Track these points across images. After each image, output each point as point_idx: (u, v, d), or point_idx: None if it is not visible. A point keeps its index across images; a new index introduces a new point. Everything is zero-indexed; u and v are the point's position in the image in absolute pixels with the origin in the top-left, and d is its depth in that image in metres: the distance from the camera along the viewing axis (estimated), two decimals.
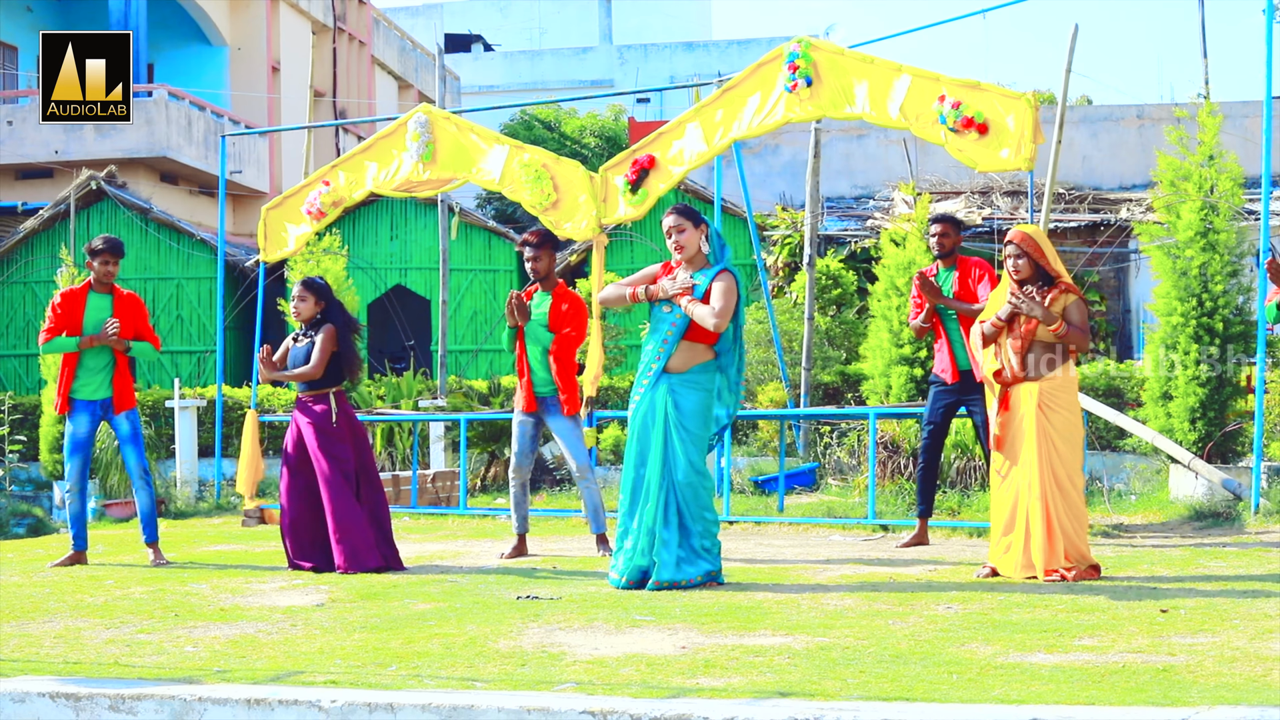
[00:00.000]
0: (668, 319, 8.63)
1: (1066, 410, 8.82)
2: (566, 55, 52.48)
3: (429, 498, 15.20)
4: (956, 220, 11.05)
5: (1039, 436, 8.71)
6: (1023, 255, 8.93)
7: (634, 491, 8.65)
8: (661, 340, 8.65)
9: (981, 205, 23.55)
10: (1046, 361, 8.85)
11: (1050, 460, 8.72)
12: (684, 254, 8.66)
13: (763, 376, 17.62)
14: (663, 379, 8.62)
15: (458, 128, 13.87)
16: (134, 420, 10.93)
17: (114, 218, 24.64)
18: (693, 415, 8.60)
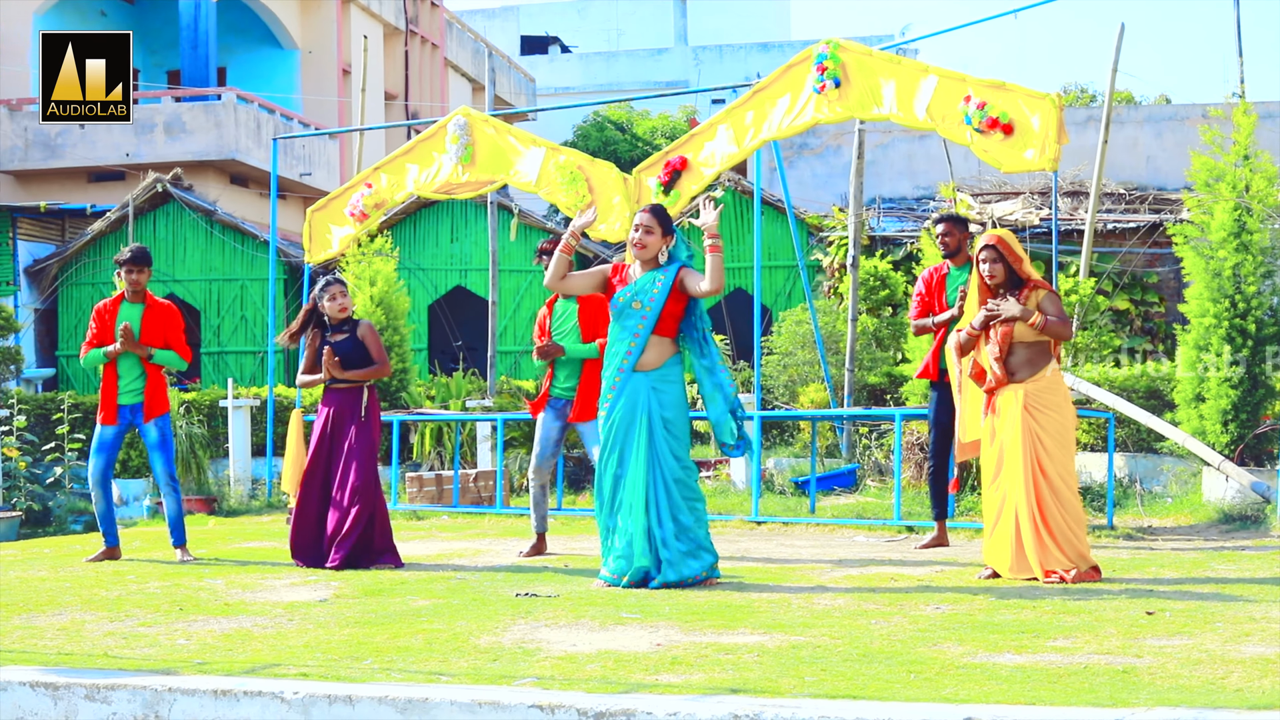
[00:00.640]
0: (635, 315, 8.70)
1: (1054, 410, 8.81)
2: (642, 56, 52.58)
3: (471, 497, 15.34)
4: (961, 219, 11.05)
5: (1025, 438, 8.70)
6: (998, 260, 8.93)
7: (615, 491, 8.72)
8: (631, 336, 8.70)
9: (1040, 205, 23.36)
10: (1028, 362, 8.84)
11: (1040, 461, 8.71)
12: (644, 254, 8.79)
13: (806, 378, 17.63)
14: (638, 377, 8.69)
15: (496, 130, 14.01)
16: (163, 428, 11.09)
17: (179, 220, 24.99)
18: (675, 407, 8.70)
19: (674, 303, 8.70)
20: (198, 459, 17.26)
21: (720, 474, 15.88)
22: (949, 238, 10.85)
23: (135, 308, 11.20)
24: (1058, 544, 8.63)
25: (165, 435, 11.13)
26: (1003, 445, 8.82)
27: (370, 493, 10.15)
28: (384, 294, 18.41)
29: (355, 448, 10.14)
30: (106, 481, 11.19)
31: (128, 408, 11.10)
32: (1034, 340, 8.81)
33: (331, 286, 10.45)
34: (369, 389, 10.37)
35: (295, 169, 31.32)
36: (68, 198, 28.28)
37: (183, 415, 17.52)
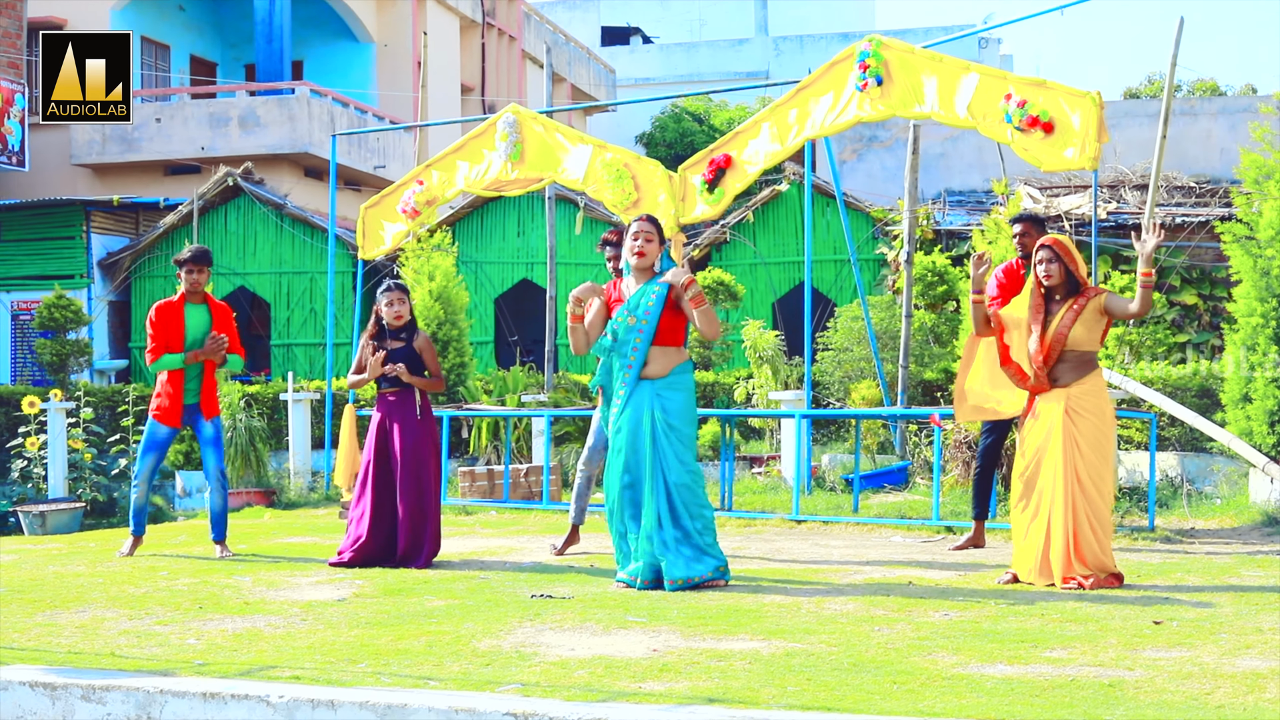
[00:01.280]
0: (633, 329, 8.74)
1: (1094, 415, 8.73)
2: (722, 47, 52.56)
3: (521, 492, 15.41)
4: (1038, 219, 10.90)
5: (1065, 442, 8.64)
6: (1055, 260, 8.86)
7: (623, 498, 8.77)
8: (630, 351, 8.75)
9: (1109, 199, 23.14)
10: (1074, 369, 8.78)
11: (1075, 466, 8.64)
12: (641, 262, 8.82)
13: (861, 374, 17.57)
14: (643, 386, 8.75)
15: (544, 128, 14.06)
16: (218, 425, 11.26)
17: (250, 213, 25.26)
18: (680, 415, 8.72)
19: (672, 316, 8.78)
20: (257, 452, 17.45)
21: (771, 470, 15.86)
22: (1026, 238, 10.68)
23: (201, 309, 11.30)
24: (1080, 551, 8.56)
25: (219, 433, 11.29)
26: (1040, 448, 8.75)
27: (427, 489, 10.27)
28: (443, 288, 18.53)
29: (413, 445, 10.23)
30: (151, 480, 11.35)
31: (189, 407, 11.25)
32: (1084, 349, 8.75)
33: (390, 293, 10.48)
34: (420, 392, 10.44)
35: (369, 162, 31.56)
36: (144, 191, 28.68)
37: (243, 408, 17.70)
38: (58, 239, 25.48)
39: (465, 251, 24.84)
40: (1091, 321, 8.79)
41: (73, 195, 27.19)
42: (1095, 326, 8.81)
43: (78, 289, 24.94)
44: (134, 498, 11.34)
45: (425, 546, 10.14)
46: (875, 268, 22.79)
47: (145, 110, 30.17)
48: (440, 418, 15.00)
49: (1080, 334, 8.75)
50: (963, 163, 26.68)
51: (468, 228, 25.08)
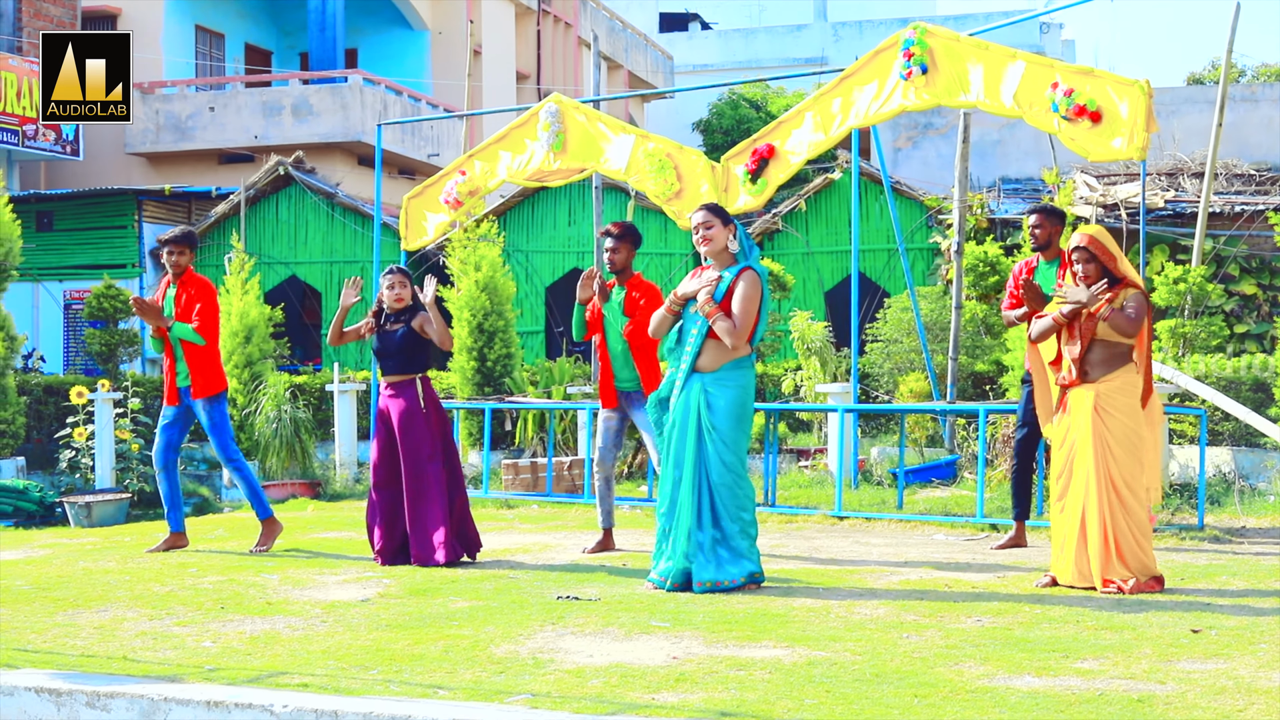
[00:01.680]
0: (694, 319, 8.56)
1: (1124, 414, 8.48)
2: (781, 33, 52.24)
3: (565, 485, 15.27)
4: (1055, 211, 10.67)
5: (1095, 441, 8.41)
6: (1090, 259, 8.62)
7: (671, 493, 8.57)
8: (689, 339, 8.58)
9: (1167, 187, 22.76)
10: (1103, 362, 8.54)
11: (1107, 466, 8.40)
12: (710, 248, 8.61)
13: (910, 366, 17.32)
14: (694, 379, 8.56)
15: (586, 117, 13.91)
16: (211, 410, 11.06)
17: (301, 202, 25.22)
18: (726, 414, 8.48)
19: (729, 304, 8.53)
20: (302, 443, 17.36)
21: (818, 464, 15.66)
22: (1039, 230, 10.49)
23: (173, 288, 11.22)
24: (1120, 553, 8.33)
25: (213, 418, 11.09)
26: (1072, 447, 8.53)
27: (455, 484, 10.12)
28: (489, 279, 18.39)
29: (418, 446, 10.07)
30: (169, 463, 11.21)
31: (181, 389, 11.14)
32: (1115, 340, 8.50)
33: (390, 275, 10.36)
34: (422, 380, 10.28)
35: (423, 150, 31.51)
36: (198, 180, 28.73)
37: (289, 399, 17.62)
38: (110, 228, 25.55)
39: (516, 241, 24.72)
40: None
41: (127, 184, 27.23)
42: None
43: (129, 278, 25.00)
44: (160, 486, 11.24)
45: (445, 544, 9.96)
46: (929, 257, 22.51)
47: (199, 99, 30.21)
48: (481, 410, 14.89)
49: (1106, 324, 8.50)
50: (1019, 150, 26.33)
51: (518, 216, 24.95)
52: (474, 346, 18.18)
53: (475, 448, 17.59)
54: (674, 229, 24.53)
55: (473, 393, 18.09)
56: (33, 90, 26.67)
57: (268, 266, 24.93)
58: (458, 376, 18.33)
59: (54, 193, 26.12)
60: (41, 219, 25.77)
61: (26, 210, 25.46)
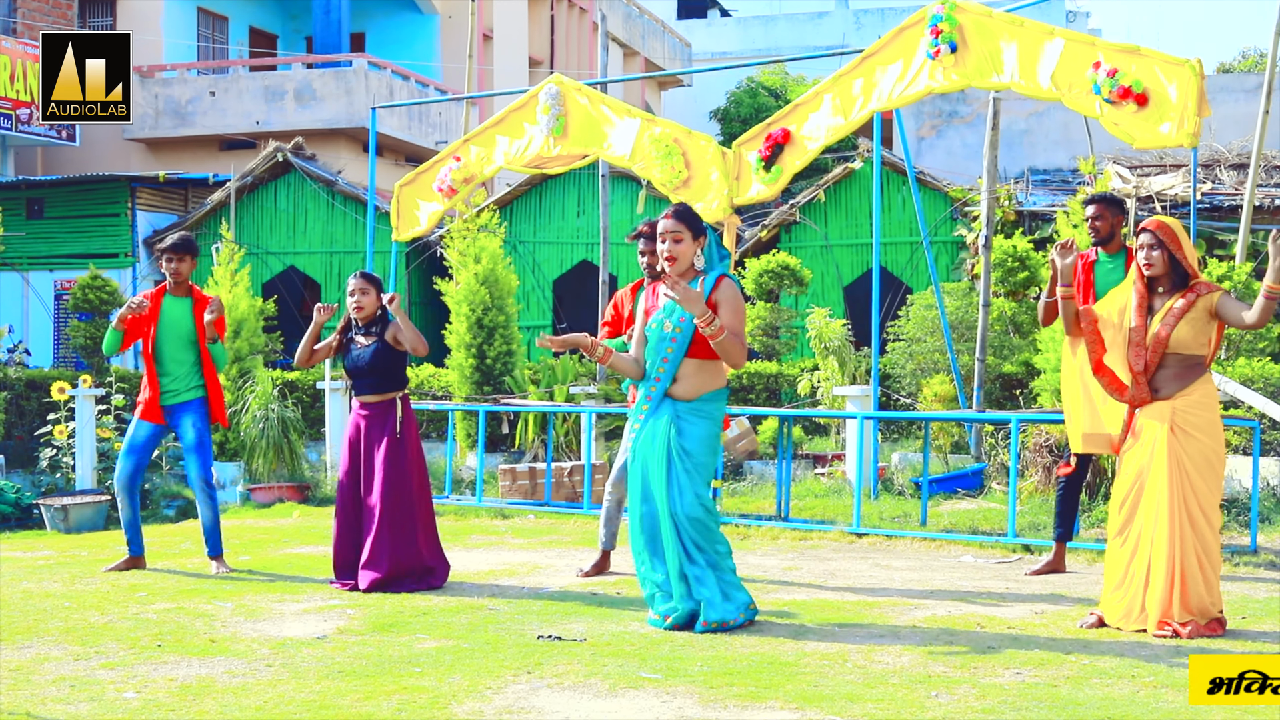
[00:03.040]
0: (665, 337, 7.55)
1: (1203, 433, 7.49)
2: (801, 20, 51.10)
3: (565, 492, 14.31)
4: (1115, 200, 9.67)
5: (1171, 466, 7.41)
6: (1158, 246, 7.64)
7: (644, 526, 7.58)
8: (661, 360, 7.57)
9: (1204, 179, 21.74)
10: (1178, 376, 7.56)
11: (1184, 493, 7.41)
12: (676, 267, 7.55)
13: (934, 367, 16.30)
14: (666, 405, 7.55)
15: (589, 100, 12.98)
16: (200, 428, 10.10)
17: (300, 190, 24.29)
18: (699, 446, 7.51)
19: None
20: (291, 444, 16.44)
21: (835, 473, 14.69)
22: (1100, 221, 9.50)
23: (181, 303, 10.21)
24: (1185, 593, 7.31)
25: (205, 434, 10.17)
26: (1142, 472, 7.54)
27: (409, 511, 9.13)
28: (489, 271, 17.44)
29: (388, 465, 9.09)
30: (135, 487, 10.24)
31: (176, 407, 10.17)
32: (1190, 353, 7.53)
33: (351, 280, 9.39)
34: (401, 400, 9.31)
35: (430, 137, 30.57)
36: (199, 167, 27.83)
37: (277, 398, 16.70)
38: (102, 216, 24.63)
39: (521, 232, 23.76)
40: (1200, 322, 7.55)
41: (125, 171, 26.29)
42: (1204, 328, 7.57)
43: (122, 268, 24.10)
44: (120, 510, 10.26)
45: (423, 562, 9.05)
46: (953, 251, 21.51)
47: (200, 83, 29.31)
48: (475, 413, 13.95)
49: (1185, 335, 7.52)
50: (1048, 140, 25.33)
51: (524, 207, 23.98)
52: (473, 343, 17.23)
53: (472, 450, 16.65)
54: None
55: (471, 391, 17.14)
56: (27, 73, 25.79)
57: (265, 257, 23.99)
58: (455, 374, 17.39)
59: (44, 179, 25.20)
60: (32, 206, 24.87)
61: (16, 197, 24.60)
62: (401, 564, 8.98)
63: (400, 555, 8.98)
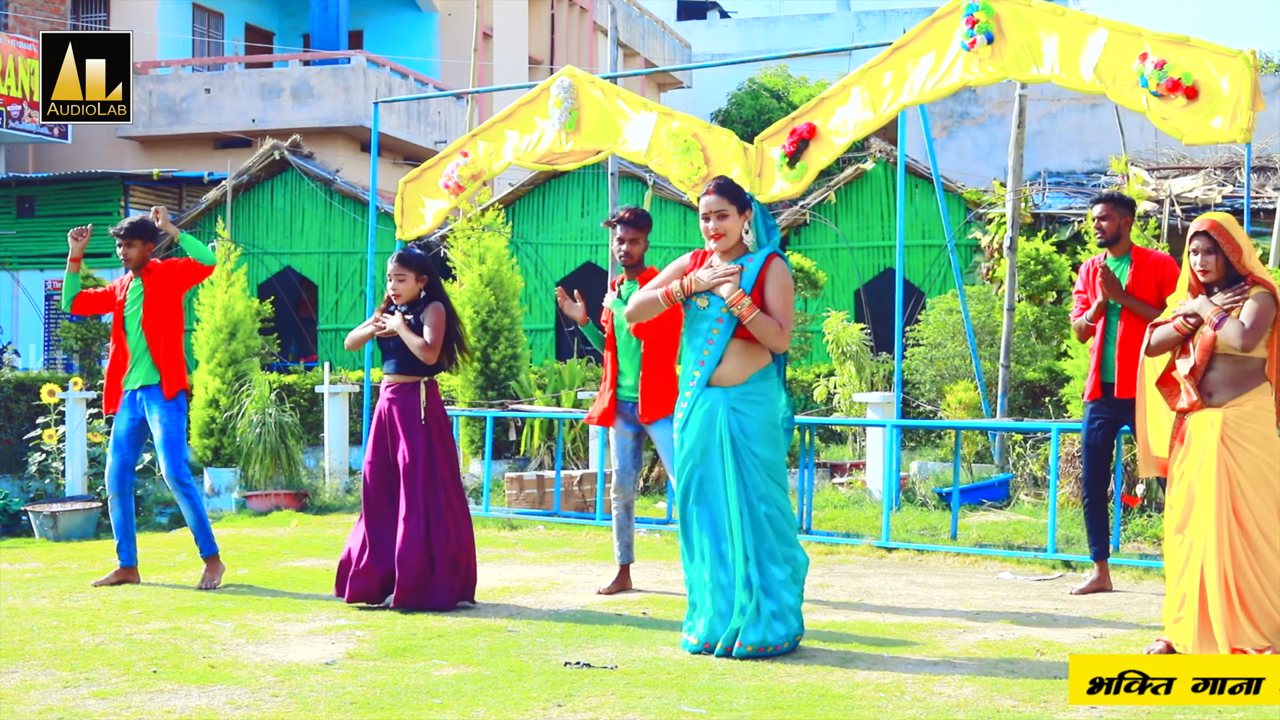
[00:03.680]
0: (709, 317, 6.99)
1: (1258, 445, 6.97)
2: (802, 22, 50.65)
3: (574, 502, 13.76)
4: (1123, 200, 9.21)
5: (1220, 478, 6.90)
6: (1213, 250, 7.12)
7: (698, 531, 7.01)
8: (705, 344, 7.00)
9: (1224, 182, 21.26)
10: (1232, 382, 7.03)
11: (1236, 508, 6.89)
12: (721, 243, 7.02)
13: (956, 373, 15.76)
14: (713, 394, 6.97)
15: (603, 93, 12.43)
16: (171, 417, 9.41)
17: (297, 189, 23.75)
18: (761, 436, 6.93)
19: (760, 298, 6.95)
20: (289, 449, 15.89)
21: (855, 482, 14.15)
22: (1106, 221, 9.09)
23: (136, 283, 9.64)
24: (1250, 615, 6.81)
25: (172, 426, 9.45)
26: (1191, 485, 7.02)
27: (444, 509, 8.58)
28: (494, 272, 16.91)
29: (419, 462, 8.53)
30: (126, 488, 9.62)
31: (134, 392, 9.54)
32: (1244, 355, 7.01)
33: (391, 263, 8.81)
34: (426, 385, 8.75)
35: (430, 136, 30.05)
36: (193, 165, 27.31)
37: (274, 402, 16.15)
38: (94, 215, 23.99)
39: (525, 232, 23.22)
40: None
41: (118, 169, 25.76)
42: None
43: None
44: (110, 512, 9.68)
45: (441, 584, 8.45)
46: (967, 254, 20.96)
47: (195, 80, 28.79)
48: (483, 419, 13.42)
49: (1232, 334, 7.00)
50: (1061, 141, 24.85)
51: (528, 206, 23.44)
52: (477, 346, 16.67)
53: (476, 457, 16.11)
54: (694, 220, 23.03)
55: (475, 396, 16.60)
56: (19, 69, 25.26)
57: (261, 257, 23.45)
58: (459, 379, 16.84)
59: (35, 176, 24.68)
60: (23, 204, 24.34)
61: (7, 195, 24.10)
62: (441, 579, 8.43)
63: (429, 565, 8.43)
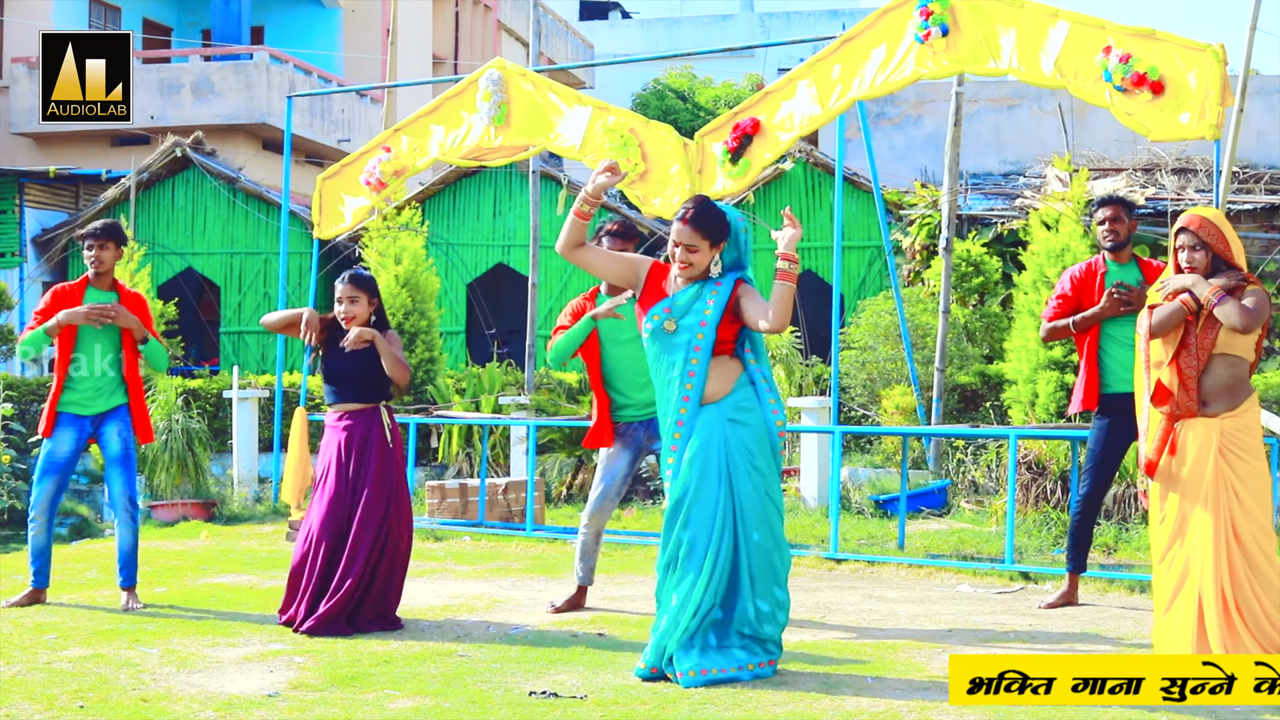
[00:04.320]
0: (683, 345, 6.50)
1: (1253, 456, 6.69)
2: (705, 23, 50.33)
3: (499, 511, 13.22)
4: (1130, 204, 8.82)
5: (1219, 489, 6.58)
6: (1200, 246, 6.79)
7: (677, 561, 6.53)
8: (686, 366, 6.50)
9: (1145, 184, 21.11)
10: (1227, 390, 6.69)
11: (1233, 519, 6.59)
12: (690, 272, 6.55)
13: (888, 377, 15.40)
14: (707, 413, 6.49)
15: (534, 86, 11.94)
16: (128, 438, 8.92)
17: (200, 187, 23.01)
18: (761, 449, 6.48)
19: (727, 323, 6.51)
20: (195, 457, 15.23)
21: (788, 488, 13.75)
22: (1118, 224, 8.68)
23: (104, 298, 8.99)
24: (1250, 629, 6.49)
25: (129, 447, 8.97)
26: (1185, 500, 6.66)
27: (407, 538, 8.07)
28: (410, 273, 16.37)
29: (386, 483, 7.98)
30: (52, 511, 8.99)
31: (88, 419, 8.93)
32: (1237, 355, 6.66)
33: (341, 285, 8.22)
34: (387, 409, 8.20)
35: (333, 135, 29.38)
36: (89, 163, 26.42)
37: (181, 408, 15.49)
38: None
39: (436, 232, 22.63)
40: None
41: (12, 166, 24.86)
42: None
43: (9, 268, 22.71)
44: (31, 535, 9.01)
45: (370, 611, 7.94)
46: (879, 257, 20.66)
47: None
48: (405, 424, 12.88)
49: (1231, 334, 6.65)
50: (978, 142, 24.60)
51: (438, 206, 22.85)
52: None
53: None
54: None
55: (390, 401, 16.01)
56: None
57: (161, 257, 22.68)
58: None
59: None
60: None
61: None
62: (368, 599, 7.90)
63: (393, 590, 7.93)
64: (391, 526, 7.97)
